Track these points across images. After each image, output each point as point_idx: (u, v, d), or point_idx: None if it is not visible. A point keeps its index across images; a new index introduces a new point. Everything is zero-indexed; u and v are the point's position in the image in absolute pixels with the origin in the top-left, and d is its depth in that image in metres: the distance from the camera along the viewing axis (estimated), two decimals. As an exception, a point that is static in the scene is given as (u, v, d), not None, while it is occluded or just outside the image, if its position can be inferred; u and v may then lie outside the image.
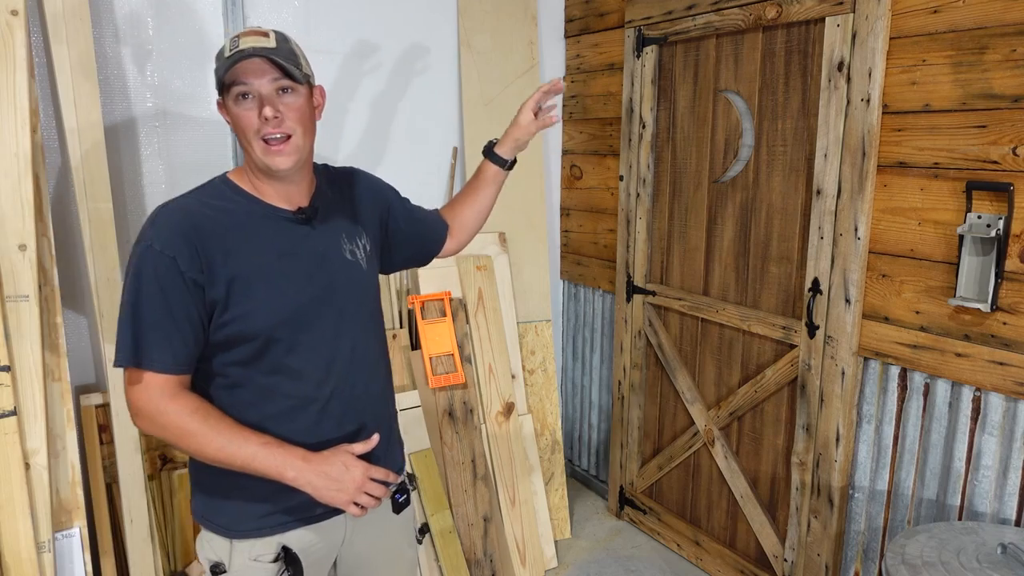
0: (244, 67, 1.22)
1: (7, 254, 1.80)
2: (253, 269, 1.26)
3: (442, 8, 2.88)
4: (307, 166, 1.37)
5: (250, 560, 1.33)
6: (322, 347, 1.34)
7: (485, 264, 2.86)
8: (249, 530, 1.33)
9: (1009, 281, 1.85)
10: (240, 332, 1.26)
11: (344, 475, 1.24)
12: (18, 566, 1.77)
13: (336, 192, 1.47)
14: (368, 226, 1.50)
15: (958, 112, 1.91)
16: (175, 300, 1.21)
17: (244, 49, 1.21)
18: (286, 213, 1.34)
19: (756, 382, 2.54)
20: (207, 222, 1.26)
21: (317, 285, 1.33)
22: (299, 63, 1.28)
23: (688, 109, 2.72)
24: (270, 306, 1.27)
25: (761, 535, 2.59)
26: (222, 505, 1.34)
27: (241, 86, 1.23)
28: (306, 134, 1.30)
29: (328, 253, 1.37)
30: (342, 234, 1.41)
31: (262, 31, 1.25)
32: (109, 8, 2.22)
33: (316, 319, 1.32)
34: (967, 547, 1.70)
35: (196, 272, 1.21)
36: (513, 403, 2.80)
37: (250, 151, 1.27)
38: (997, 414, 1.90)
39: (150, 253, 1.21)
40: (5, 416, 1.76)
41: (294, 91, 1.26)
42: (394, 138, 2.85)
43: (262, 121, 1.23)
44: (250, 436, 1.23)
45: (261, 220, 1.31)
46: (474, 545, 2.60)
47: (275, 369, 1.29)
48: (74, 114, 1.99)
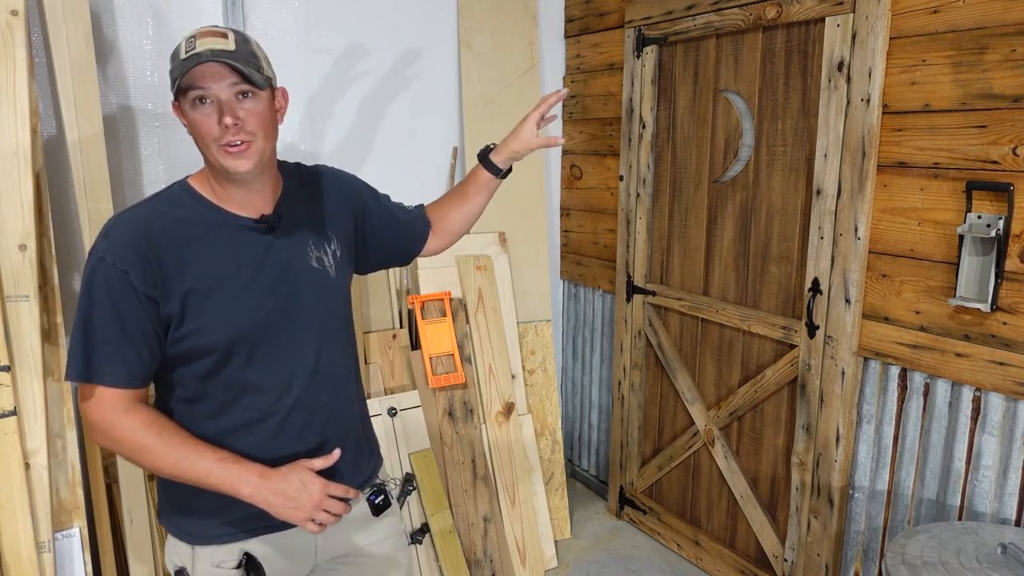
0: (202, 71, 1.15)
1: (7, 254, 1.80)
2: (210, 282, 1.22)
3: (442, 8, 2.89)
4: (269, 169, 1.30)
5: (212, 567, 1.31)
6: (284, 359, 1.30)
7: (485, 264, 2.86)
8: (211, 536, 1.31)
9: (1009, 281, 1.85)
10: (196, 346, 1.22)
11: (301, 493, 1.20)
12: (18, 566, 1.77)
13: (305, 195, 1.40)
14: (339, 229, 1.43)
15: (958, 112, 1.91)
16: (127, 314, 1.17)
17: (201, 52, 1.15)
18: (247, 222, 1.28)
19: (756, 382, 2.54)
20: (161, 233, 1.21)
21: (279, 296, 1.28)
22: (260, 66, 1.21)
23: (688, 109, 2.72)
24: (227, 320, 1.23)
25: (761, 535, 2.59)
26: (185, 511, 1.32)
27: (198, 90, 1.16)
28: (267, 138, 1.23)
29: (292, 263, 1.31)
30: (309, 241, 1.35)
31: (220, 31, 1.19)
32: (109, 8, 2.22)
33: (278, 331, 1.28)
34: (967, 547, 1.70)
35: (149, 287, 1.18)
36: (513, 403, 2.80)
37: (208, 155, 1.22)
38: (997, 414, 1.90)
39: (102, 266, 1.17)
40: (5, 416, 1.76)
41: (254, 96, 1.20)
42: (394, 138, 2.85)
43: (222, 129, 1.17)
44: (205, 452, 1.20)
45: (220, 229, 1.25)
46: (474, 545, 2.60)
47: (233, 383, 1.26)
48: (74, 114, 1.99)
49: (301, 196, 1.39)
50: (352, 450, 1.42)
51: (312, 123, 2.61)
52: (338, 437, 1.39)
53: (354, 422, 1.46)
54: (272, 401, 1.30)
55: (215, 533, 1.31)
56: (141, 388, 1.23)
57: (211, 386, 1.26)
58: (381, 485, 1.48)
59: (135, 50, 2.27)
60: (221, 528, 1.30)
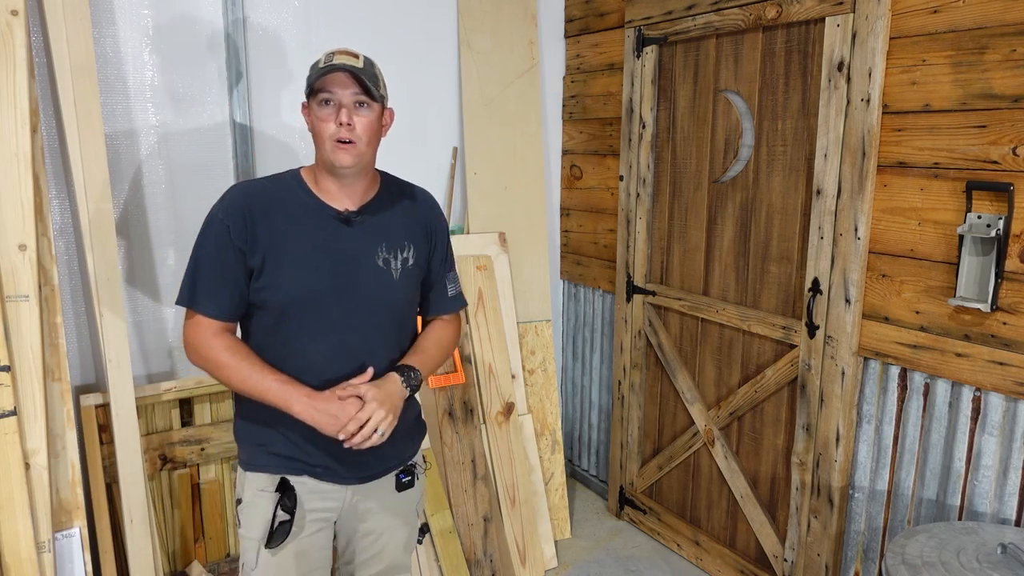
0: (332, 78, 1.42)
1: (7, 254, 1.80)
2: (288, 251, 1.47)
3: (442, 8, 2.89)
4: (366, 171, 1.53)
5: (257, 491, 1.54)
6: (329, 336, 1.50)
7: (485, 264, 2.86)
8: (258, 464, 1.54)
9: (1009, 281, 1.85)
10: (264, 300, 1.48)
11: (340, 411, 1.43)
12: (18, 566, 1.77)
13: (394, 205, 1.60)
14: (417, 244, 1.61)
15: (958, 112, 1.91)
16: (226, 261, 1.46)
17: (337, 64, 1.41)
18: (333, 212, 1.51)
19: (756, 382, 2.54)
20: (262, 203, 1.48)
21: (338, 279, 1.49)
22: (378, 85, 1.48)
23: (688, 109, 2.72)
24: (289, 284, 1.46)
25: (761, 535, 2.59)
26: (244, 443, 1.58)
27: (326, 93, 1.43)
28: (370, 144, 1.48)
29: (359, 256, 1.51)
30: (382, 242, 1.54)
31: (354, 53, 1.46)
32: (109, 8, 2.22)
33: (329, 308, 1.48)
34: (967, 547, 1.70)
35: (242, 241, 1.45)
36: (513, 403, 2.80)
37: (321, 148, 1.47)
38: (997, 414, 1.90)
39: (214, 220, 1.47)
40: (5, 416, 1.76)
41: (369, 107, 1.46)
42: (394, 138, 2.82)
43: (337, 125, 1.43)
44: (268, 373, 1.44)
45: (308, 212, 1.50)
46: (474, 545, 2.60)
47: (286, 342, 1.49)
48: (74, 114, 1.99)
49: (390, 204, 1.59)
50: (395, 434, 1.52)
51: (312, 123, 2.61)
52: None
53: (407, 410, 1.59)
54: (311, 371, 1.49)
55: (261, 462, 1.54)
56: (230, 322, 1.50)
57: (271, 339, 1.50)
58: (411, 467, 1.68)
59: (135, 50, 2.27)
60: (267, 459, 1.54)
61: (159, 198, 2.37)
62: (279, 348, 1.50)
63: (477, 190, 2.97)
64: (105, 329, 2.04)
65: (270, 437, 1.54)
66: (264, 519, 1.52)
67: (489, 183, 2.99)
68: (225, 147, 2.46)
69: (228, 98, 2.45)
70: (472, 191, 2.96)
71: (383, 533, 1.67)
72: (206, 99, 2.42)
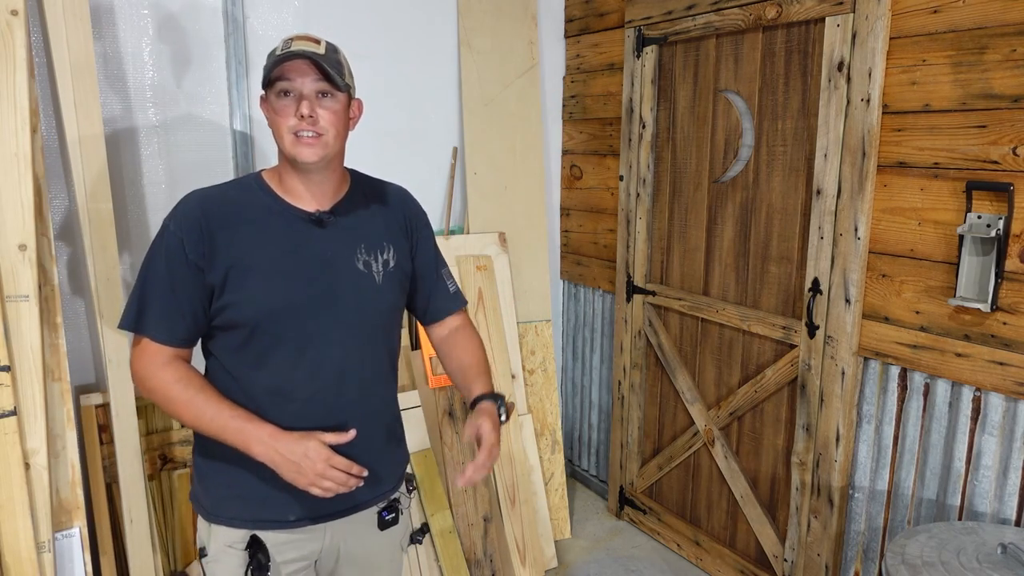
0: (290, 66, 1.28)
1: (7, 254, 1.80)
2: (253, 261, 1.32)
3: (442, 8, 2.88)
4: (333, 167, 1.39)
5: (225, 546, 1.39)
6: (308, 349, 1.35)
7: (485, 264, 2.86)
8: (226, 518, 1.39)
9: (1009, 281, 1.85)
10: (231, 319, 1.32)
11: (304, 460, 1.26)
12: (18, 566, 1.77)
13: (368, 203, 1.47)
14: (397, 244, 1.47)
15: (958, 112, 1.91)
16: (178, 279, 1.30)
17: (295, 50, 1.27)
18: (302, 213, 1.37)
19: (756, 382, 2.54)
20: (221, 211, 1.34)
21: (315, 287, 1.35)
22: (342, 72, 1.33)
23: (688, 109, 2.72)
24: (260, 298, 1.31)
25: (761, 535, 2.59)
26: (207, 489, 1.41)
27: (285, 82, 1.29)
28: (336, 138, 1.34)
29: (336, 260, 1.38)
30: (361, 243, 1.41)
31: (314, 38, 1.32)
32: (109, 8, 2.22)
33: (306, 320, 1.34)
34: (967, 547, 1.70)
35: (198, 256, 1.30)
36: (513, 403, 2.80)
37: (281, 143, 1.32)
38: (997, 414, 1.90)
39: (166, 232, 1.32)
40: (5, 416, 1.76)
41: (333, 96, 1.32)
42: (394, 138, 2.85)
43: (298, 118, 1.29)
44: (224, 408, 1.29)
45: (274, 216, 1.35)
46: (474, 545, 2.60)
47: (258, 361, 1.34)
48: (74, 114, 1.99)
49: (364, 203, 1.46)
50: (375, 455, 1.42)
51: (312, 123, 2.61)
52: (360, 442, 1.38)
53: (378, 431, 1.47)
54: (291, 388, 1.35)
55: (228, 515, 1.39)
56: (182, 348, 1.34)
57: (239, 361, 1.35)
58: (395, 502, 1.52)
59: (135, 50, 2.27)
60: (234, 509, 1.38)
61: (159, 198, 2.37)
62: (250, 370, 1.35)
63: (477, 190, 2.97)
64: (105, 329, 2.04)
65: (236, 481, 1.37)
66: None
67: (489, 183, 2.99)
68: (225, 147, 2.46)
69: (228, 98, 2.45)
70: (472, 191, 2.96)
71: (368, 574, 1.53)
72: (206, 99, 2.41)
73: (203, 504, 1.42)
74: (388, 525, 1.51)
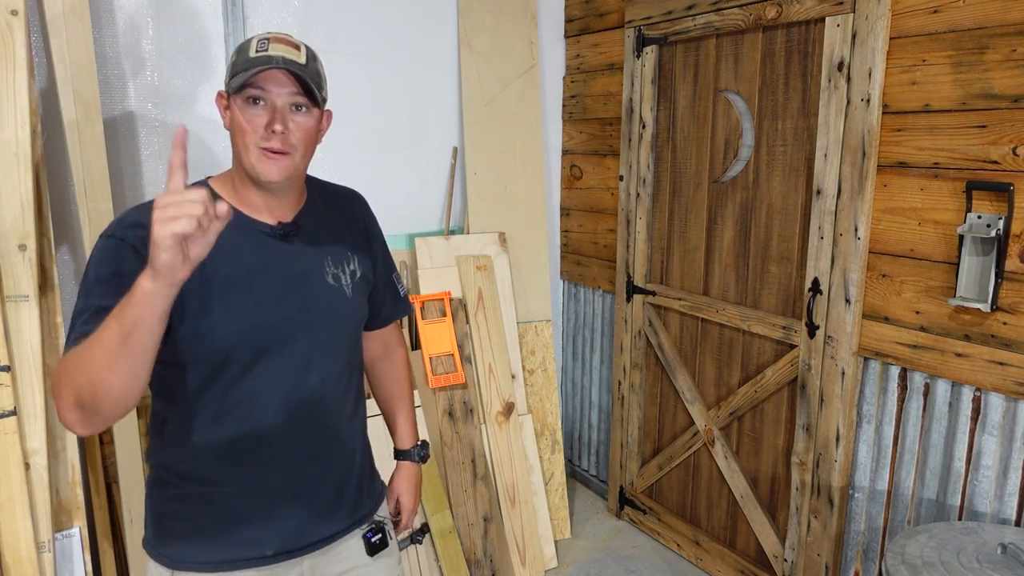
0: (268, 75, 1.15)
1: (7, 254, 1.80)
2: (215, 284, 1.17)
3: (442, 8, 2.89)
4: (296, 182, 1.28)
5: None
6: (285, 373, 1.24)
7: (485, 264, 2.86)
8: (194, 563, 1.25)
9: (1009, 281, 1.85)
10: (193, 352, 1.17)
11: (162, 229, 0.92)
12: (18, 566, 1.77)
13: (329, 211, 1.36)
14: (360, 253, 1.37)
15: (958, 112, 1.91)
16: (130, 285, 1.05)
17: (274, 57, 1.15)
18: (264, 227, 1.23)
19: (756, 382, 2.54)
20: None
21: (289, 307, 1.23)
22: (322, 85, 1.22)
23: (688, 109, 2.72)
24: (228, 327, 1.17)
25: (761, 535, 2.59)
26: (169, 535, 1.27)
27: (258, 90, 1.16)
28: (304, 155, 1.22)
29: (307, 274, 1.26)
30: (327, 256, 1.30)
31: (294, 43, 1.19)
32: (109, 8, 2.22)
33: (283, 343, 1.22)
34: (967, 547, 1.70)
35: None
36: (513, 403, 2.80)
37: (243, 155, 1.18)
38: (997, 414, 1.90)
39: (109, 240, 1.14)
40: (5, 416, 1.76)
41: (307, 112, 1.20)
42: (394, 138, 2.85)
43: (268, 132, 1.16)
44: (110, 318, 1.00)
45: (234, 232, 1.15)
46: (474, 545, 2.60)
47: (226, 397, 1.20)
48: (74, 114, 1.99)
49: (325, 211, 1.35)
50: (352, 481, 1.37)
51: (312, 123, 2.61)
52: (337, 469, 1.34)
53: (352, 454, 1.39)
54: (268, 418, 1.23)
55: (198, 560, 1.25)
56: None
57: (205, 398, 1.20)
58: (380, 523, 1.43)
59: (135, 50, 2.27)
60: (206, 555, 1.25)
61: (159, 198, 2.37)
62: (218, 405, 1.20)
63: (477, 190, 2.97)
64: (105, 329, 2.04)
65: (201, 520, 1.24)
66: None
67: (489, 183, 2.99)
68: (225, 147, 2.46)
69: (228, 98, 2.45)
70: (472, 191, 2.96)
71: None
72: (206, 99, 2.41)
73: (163, 552, 1.26)
74: (378, 548, 1.40)
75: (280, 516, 1.27)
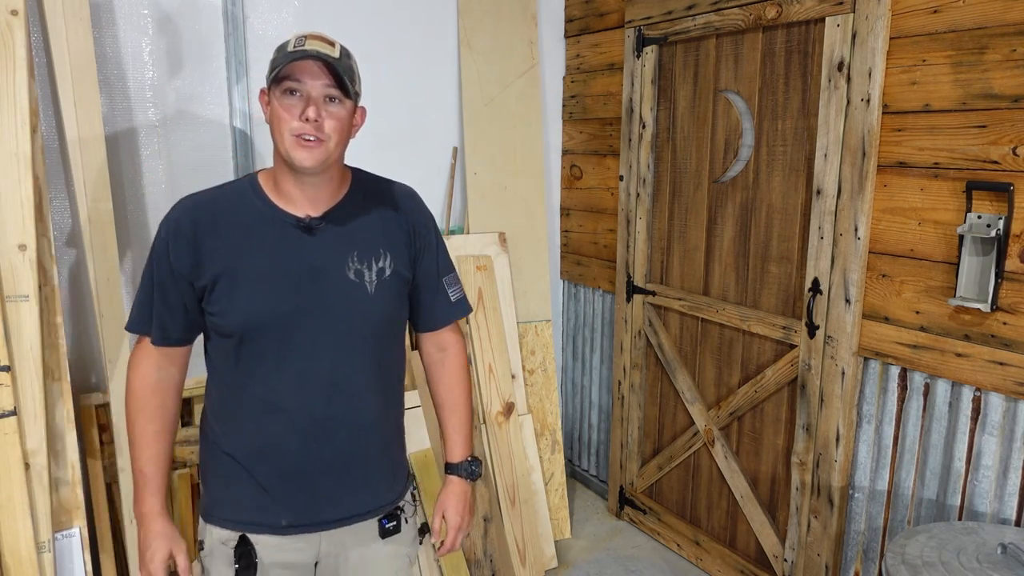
0: (302, 66, 1.25)
1: (7, 254, 1.80)
2: (240, 270, 1.30)
3: (442, 8, 2.88)
4: (331, 173, 1.35)
5: (219, 543, 1.41)
6: (296, 361, 1.33)
7: (485, 264, 2.86)
8: (218, 518, 1.41)
9: (1009, 281, 1.85)
10: (219, 326, 1.33)
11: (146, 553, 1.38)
12: (18, 566, 1.77)
13: (366, 206, 1.41)
14: (396, 250, 1.41)
15: (958, 112, 1.91)
16: (167, 285, 1.33)
17: (309, 50, 1.24)
18: (291, 219, 1.33)
19: (756, 382, 2.54)
20: (209, 217, 1.33)
21: (303, 297, 1.32)
22: (354, 79, 1.32)
23: (688, 109, 2.72)
24: (246, 307, 1.30)
25: (761, 535, 2.59)
26: (205, 488, 1.44)
27: (293, 82, 1.25)
28: (338, 145, 1.31)
29: (326, 268, 1.33)
30: (353, 251, 1.36)
31: (329, 40, 1.29)
32: (109, 8, 2.22)
33: (293, 330, 1.32)
34: (967, 547, 1.70)
35: (181, 263, 1.31)
36: (513, 403, 2.80)
37: (279, 143, 1.28)
38: (997, 414, 1.90)
39: (158, 240, 1.34)
40: (5, 416, 1.76)
41: (340, 103, 1.29)
42: (394, 138, 2.85)
43: (302, 121, 1.25)
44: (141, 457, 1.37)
45: (264, 223, 1.33)
46: (474, 545, 2.60)
47: (247, 371, 1.34)
48: (74, 114, 1.99)
49: (362, 207, 1.40)
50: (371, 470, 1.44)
51: (312, 123, 2.61)
52: (352, 455, 1.40)
53: (373, 444, 1.44)
54: (278, 398, 1.34)
55: (218, 515, 1.41)
56: (176, 346, 1.38)
57: (230, 366, 1.35)
58: (396, 511, 1.49)
59: (135, 50, 2.27)
60: (226, 511, 1.40)
61: (159, 198, 2.37)
62: (240, 378, 1.34)
63: (477, 190, 2.97)
64: (105, 329, 2.04)
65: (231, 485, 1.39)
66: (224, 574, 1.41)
67: (489, 183, 2.99)
68: (225, 147, 2.46)
69: (228, 97, 2.45)
70: (472, 191, 2.96)
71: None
72: (206, 99, 2.41)
73: (202, 502, 1.45)
74: (389, 533, 1.47)
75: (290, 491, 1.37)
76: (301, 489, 1.37)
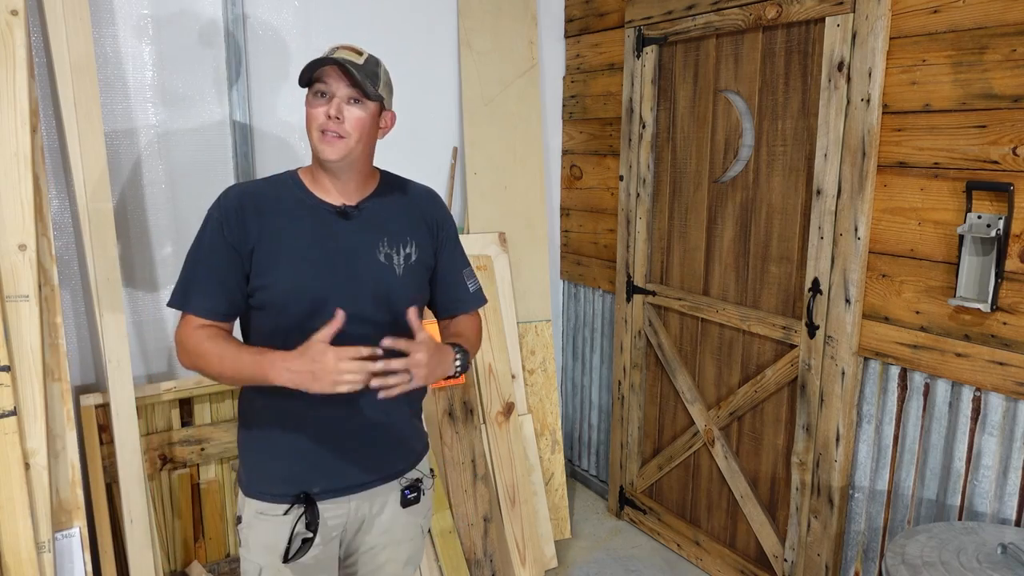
0: (328, 70, 1.41)
1: (7, 254, 1.80)
2: (283, 248, 1.45)
3: (442, 8, 2.88)
4: (358, 167, 1.49)
5: (256, 513, 1.50)
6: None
7: (485, 264, 2.86)
8: (255, 493, 1.51)
9: (1009, 281, 1.85)
10: (261, 300, 1.45)
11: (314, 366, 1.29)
12: (18, 566, 1.77)
13: (394, 200, 1.57)
14: (420, 239, 1.57)
15: (958, 112, 1.91)
16: (219, 259, 1.44)
17: (333, 57, 1.40)
18: (329, 206, 1.49)
19: (756, 382, 2.54)
20: (257, 201, 1.47)
21: (338, 275, 1.46)
22: (377, 83, 1.44)
23: (688, 109, 2.72)
24: (285, 282, 1.44)
25: (761, 535, 2.59)
26: (244, 464, 1.55)
27: (321, 84, 1.42)
28: (359, 141, 1.44)
29: (359, 251, 1.48)
30: (383, 237, 1.51)
31: (357, 49, 1.44)
32: (109, 8, 2.22)
33: (326, 307, 1.42)
34: (967, 547, 1.70)
35: (235, 239, 1.43)
36: (513, 403, 2.80)
37: (310, 137, 1.45)
38: (997, 414, 1.90)
39: (210, 219, 1.46)
40: (5, 416, 1.76)
41: (362, 104, 1.43)
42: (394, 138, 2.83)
43: (326, 117, 1.41)
44: (243, 349, 1.40)
45: (304, 209, 1.48)
46: (474, 545, 2.60)
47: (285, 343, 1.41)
48: (74, 114, 1.99)
49: (390, 200, 1.57)
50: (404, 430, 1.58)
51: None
52: (381, 423, 1.53)
53: (401, 411, 1.57)
54: None
55: (257, 490, 1.51)
56: (222, 322, 1.46)
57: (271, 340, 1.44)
58: (417, 482, 1.63)
59: (135, 51, 2.27)
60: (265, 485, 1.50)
61: (159, 198, 2.37)
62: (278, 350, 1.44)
63: (477, 190, 2.97)
64: (105, 329, 2.04)
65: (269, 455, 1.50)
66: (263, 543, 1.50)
67: (489, 183, 2.99)
68: (225, 146, 2.46)
69: (228, 97, 2.45)
70: (472, 191, 2.96)
71: (385, 547, 1.62)
72: (206, 98, 2.42)
73: (241, 478, 1.55)
74: (410, 503, 1.61)
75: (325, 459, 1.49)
76: (335, 456, 1.49)
